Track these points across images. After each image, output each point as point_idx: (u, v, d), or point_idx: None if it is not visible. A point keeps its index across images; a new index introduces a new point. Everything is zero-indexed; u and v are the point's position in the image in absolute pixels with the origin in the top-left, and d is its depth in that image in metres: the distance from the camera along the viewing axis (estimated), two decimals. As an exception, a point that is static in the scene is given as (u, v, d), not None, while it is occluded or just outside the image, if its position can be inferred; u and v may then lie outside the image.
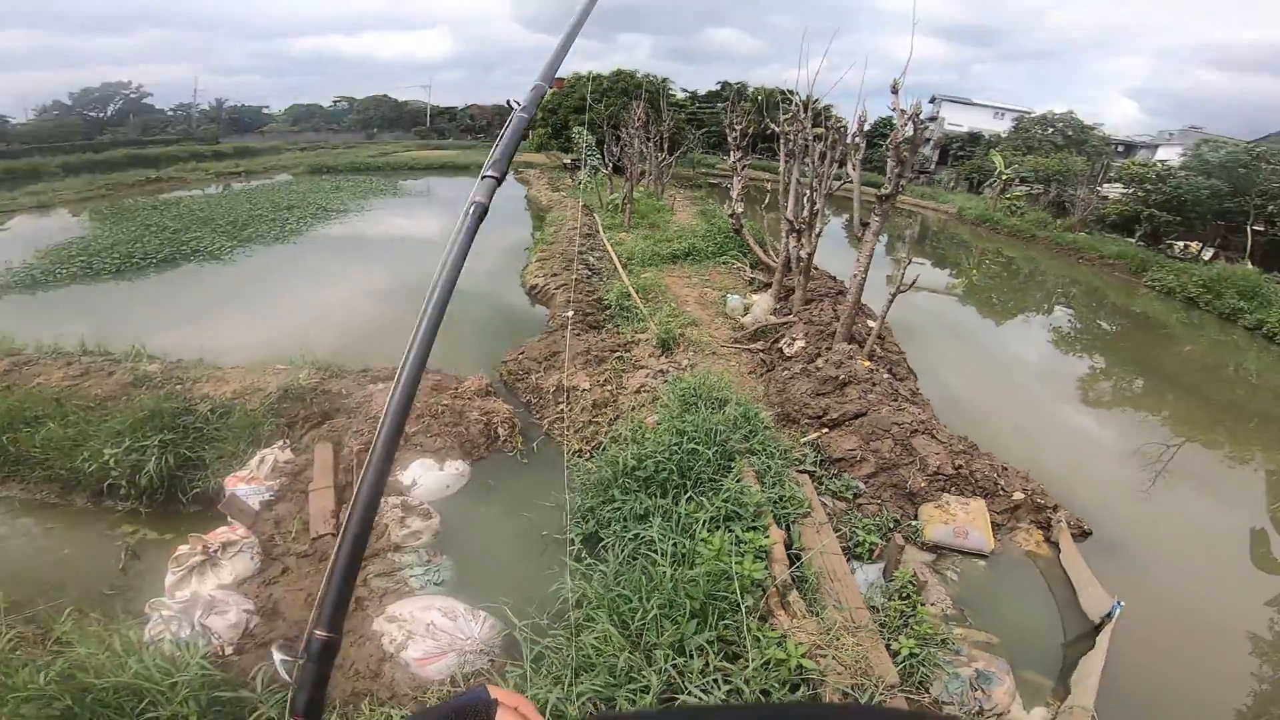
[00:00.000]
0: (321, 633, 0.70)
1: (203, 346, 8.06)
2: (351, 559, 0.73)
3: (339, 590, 0.72)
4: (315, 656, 0.70)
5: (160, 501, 5.72)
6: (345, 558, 0.73)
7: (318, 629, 0.71)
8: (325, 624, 0.71)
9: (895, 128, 7.76)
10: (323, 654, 0.70)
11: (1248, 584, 6.21)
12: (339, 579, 0.72)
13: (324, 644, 0.70)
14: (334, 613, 0.71)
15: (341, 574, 0.72)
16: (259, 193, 23.92)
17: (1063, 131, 34.56)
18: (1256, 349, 14.61)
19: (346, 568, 0.73)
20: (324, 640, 0.70)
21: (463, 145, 52.48)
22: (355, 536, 0.74)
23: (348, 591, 0.72)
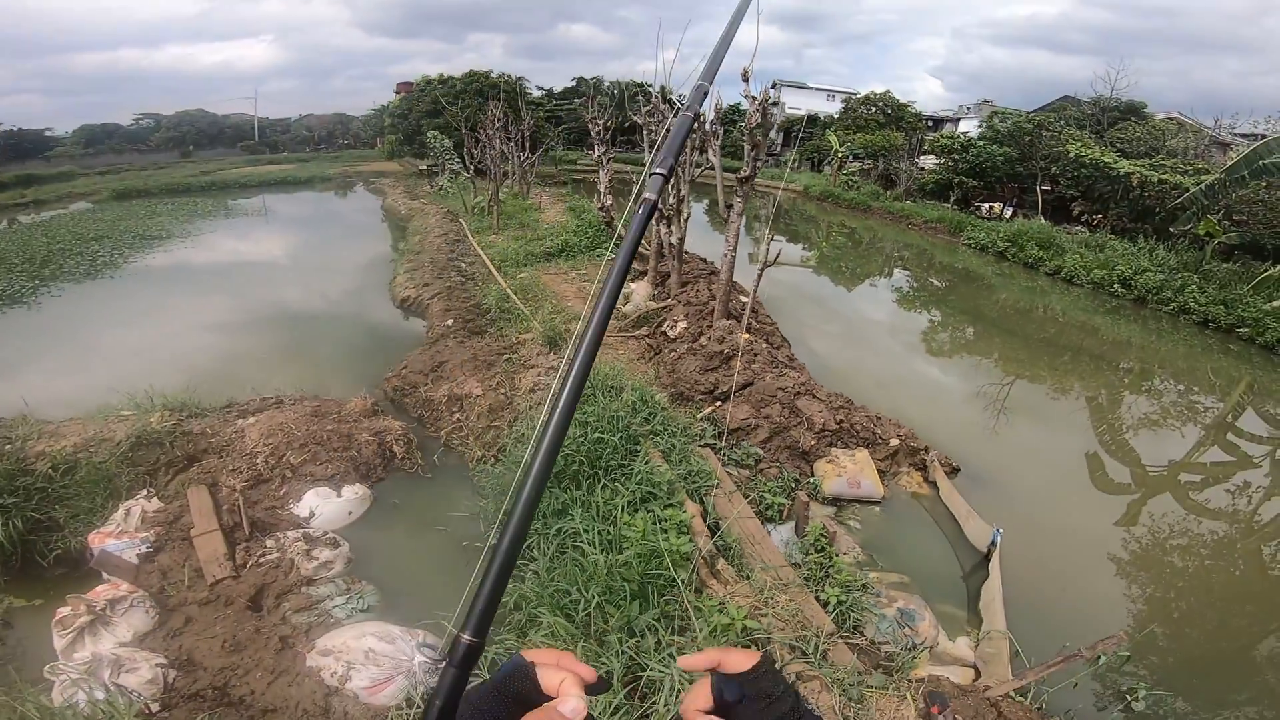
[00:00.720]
0: (468, 637, 0.68)
1: (22, 401, 6.98)
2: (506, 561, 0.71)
3: (490, 594, 0.69)
4: (459, 661, 0.68)
5: (16, 567, 5.12)
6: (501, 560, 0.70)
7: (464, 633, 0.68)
8: (472, 628, 0.68)
9: (748, 114, 8.26)
10: (466, 659, 0.68)
11: (1095, 502, 7.22)
12: (491, 583, 0.69)
13: (469, 648, 0.68)
14: (482, 617, 0.69)
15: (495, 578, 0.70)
16: (55, 224, 20.85)
17: (883, 110, 38.11)
18: (1058, 291, 17.09)
19: (501, 571, 0.70)
20: (469, 645, 0.68)
21: (300, 158, 48.62)
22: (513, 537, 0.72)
23: (498, 596, 0.70)
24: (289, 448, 6.16)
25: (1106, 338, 13.54)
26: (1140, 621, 5.25)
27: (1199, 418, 10.13)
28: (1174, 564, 6.25)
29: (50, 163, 46.68)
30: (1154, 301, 15.48)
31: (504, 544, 0.71)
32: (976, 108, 42.97)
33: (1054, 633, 4.72)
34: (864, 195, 29.21)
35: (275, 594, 4.72)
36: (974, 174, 26.35)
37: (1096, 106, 28.15)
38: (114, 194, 28.72)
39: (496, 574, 0.70)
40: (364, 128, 59.80)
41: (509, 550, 0.71)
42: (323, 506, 5.72)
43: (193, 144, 56.08)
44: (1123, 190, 20.84)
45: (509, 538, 0.71)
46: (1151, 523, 6.83)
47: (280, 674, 3.91)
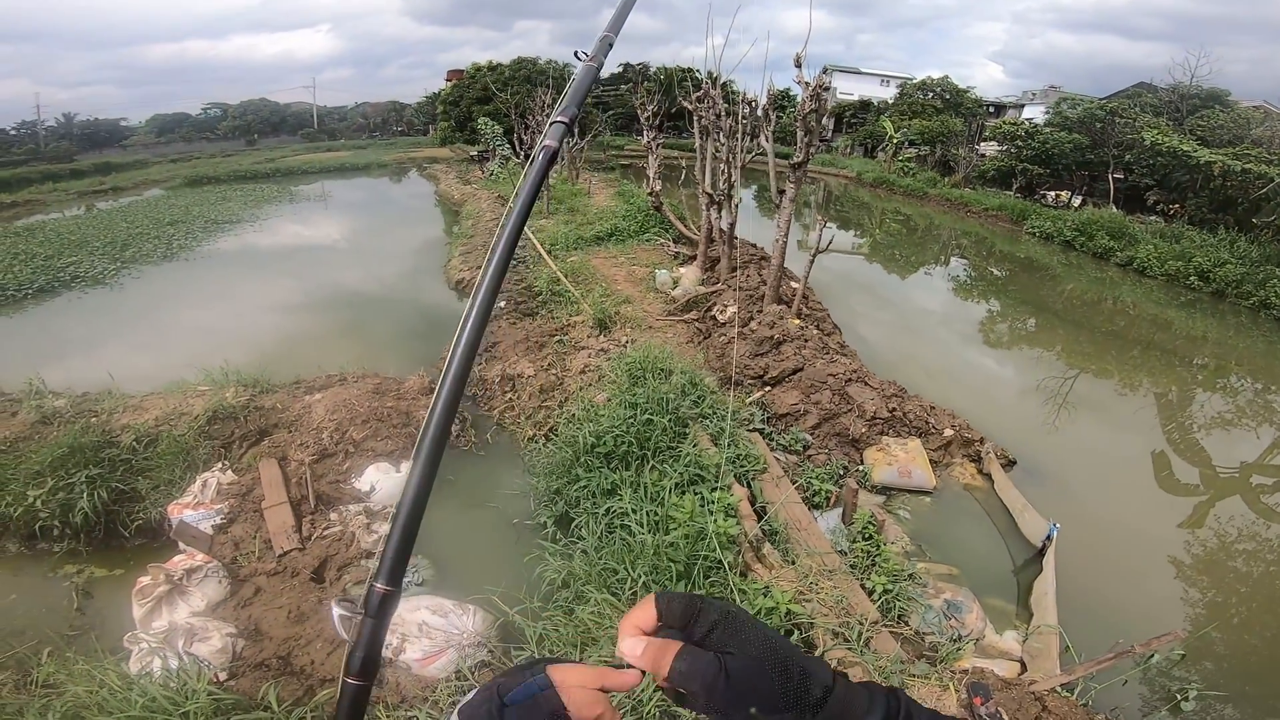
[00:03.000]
0: (381, 586, 0.68)
1: (107, 376, 7.46)
2: (412, 512, 0.72)
3: (400, 542, 0.71)
4: (375, 610, 0.68)
5: (99, 538, 5.39)
6: (408, 508, 0.72)
7: (377, 582, 0.69)
8: (385, 577, 0.69)
9: (801, 99, 8.13)
10: (381, 608, 0.69)
11: (1158, 502, 6.92)
12: (400, 531, 0.71)
13: (383, 597, 0.68)
14: (394, 565, 0.70)
15: (404, 525, 0.71)
16: (134, 210, 21.97)
17: (941, 95, 36.84)
18: (1130, 283, 16.31)
19: (409, 519, 0.72)
20: (383, 593, 0.68)
21: (357, 145, 50.03)
22: (418, 486, 0.73)
23: (409, 544, 0.71)
24: (352, 423, 6.43)
25: (1180, 332, 12.88)
26: (1197, 624, 5.05)
27: (1276, 418, 9.57)
28: (1238, 568, 5.96)
29: (126, 151, 49.33)
30: (1233, 295, 14.62)
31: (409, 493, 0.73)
32: (1043, 94, 41.04)
33: (1106, 631, 4.57)
34: (920, 182, 28.36)
35: (337, 566, 4.88)
36: (1039, 161, 25.25)
37: (1175, 94, 26.52)
38: (186, 180, 30.07)
39: (405, 521, 0.72)
40: (417, 115, 61.10)
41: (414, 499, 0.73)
42: (382, 481, 5.94)
43: (257, 132, 58.34)
44: (1202, 180, 19.67)
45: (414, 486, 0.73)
46: (1217, 525, 6.51)
47: (339, 645, 3.98)
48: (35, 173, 32.10)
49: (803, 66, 7.97)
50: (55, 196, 26.95)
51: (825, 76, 47.48)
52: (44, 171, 32.65)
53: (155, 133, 60.28)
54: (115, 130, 58.63)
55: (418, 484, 0.73)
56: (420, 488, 0.73)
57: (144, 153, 47.19)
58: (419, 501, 0.73)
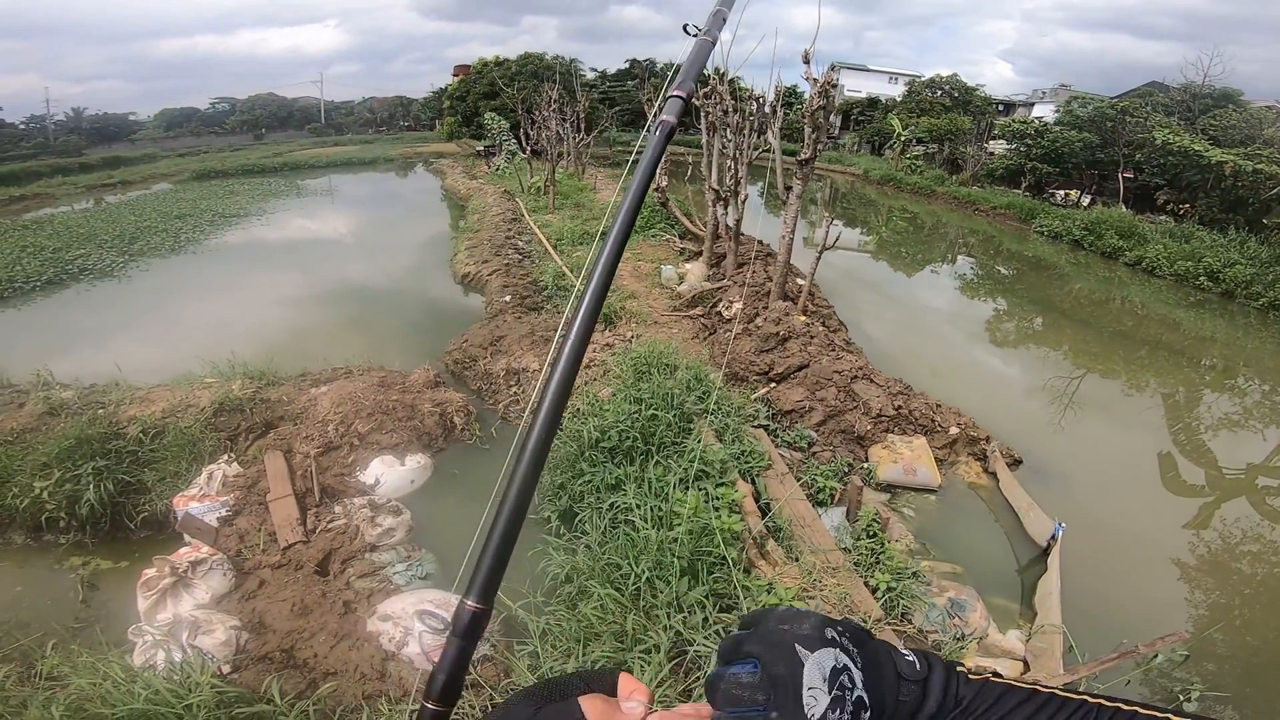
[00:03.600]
0: (473, 604, 0.64)
1: (114, 368, 7.50)
2: (511, 524, 0.66)
3: (495, 558, 0.66)
4: (463, 630, 0.64)
5: (105, 530, 5.41)
6: (505, 523, 0.66)
7: (469, 600, 0.64)
8: (477, 595, 0.64)
9: (809, 96, 8.10)
10: (471, 628, 0.64)
11: (1164, 503, 6.89)
12: (496, 546, 0.65)
13: (473, 616, 0.64)
14: (488, 583, 0.65)
15: (499, 541, 0.66)
16: (142, 203, 22.06)
17: (950, 93, 36.63)
18: (1138, 282, 16.21)
19: (505, 534, 0.66)
20: (474, 612, 0.64)
21: (364, 140, 50.08)
22: (517, 499, 0.67)
23: (504, 561, 0.66)
24: (357, 416, 6.45)
25: (1188, 332, 12.79)
26: (1201, 625, 5.02)
27: (1285, 419, 9.50)
28: (1242, 570, 5.92)
29: (134, 145, 49.42)
30: (1243, 296, 14.52)
31: (508, 504, 0.67)
32: (1053, 92, 40.82)
33: (1110, 631, 4.57)
34: (928, 180, 28.24)
35: (341, 559, 4.88)
36: (1049, 160, 25.11)
37: (1187, 93, 26.29)
38: (194, 174, 30.15)
39: (501, 536, 0.66)
40: (423, 110, 61.11)
41: (514, 510, 0.67)
42: (387, 474, 5.96)
43: (264, 127, 58.47)
44: (1213, 180, 19.52)
45: (513, 497, 0.67)
46: (1223, 527, 6.47)
47: (342, 638, 4.03)
48: (44, 166, 32.20)
49: (811, 63, 7.93)
50: (64, 190, 27.07)
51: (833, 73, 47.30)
52: (53, 165, 32.75)
53: (163, 127, 60.49)
54: (124, 125, 58.82)
55: (518, 494, 0.67)
56: (520, 498, 0.67)
57: (152, 147, 47.25)
58: (518, 513, 0.67)
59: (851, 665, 0.58)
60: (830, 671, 0.56)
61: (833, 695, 0.55)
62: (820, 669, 0.56)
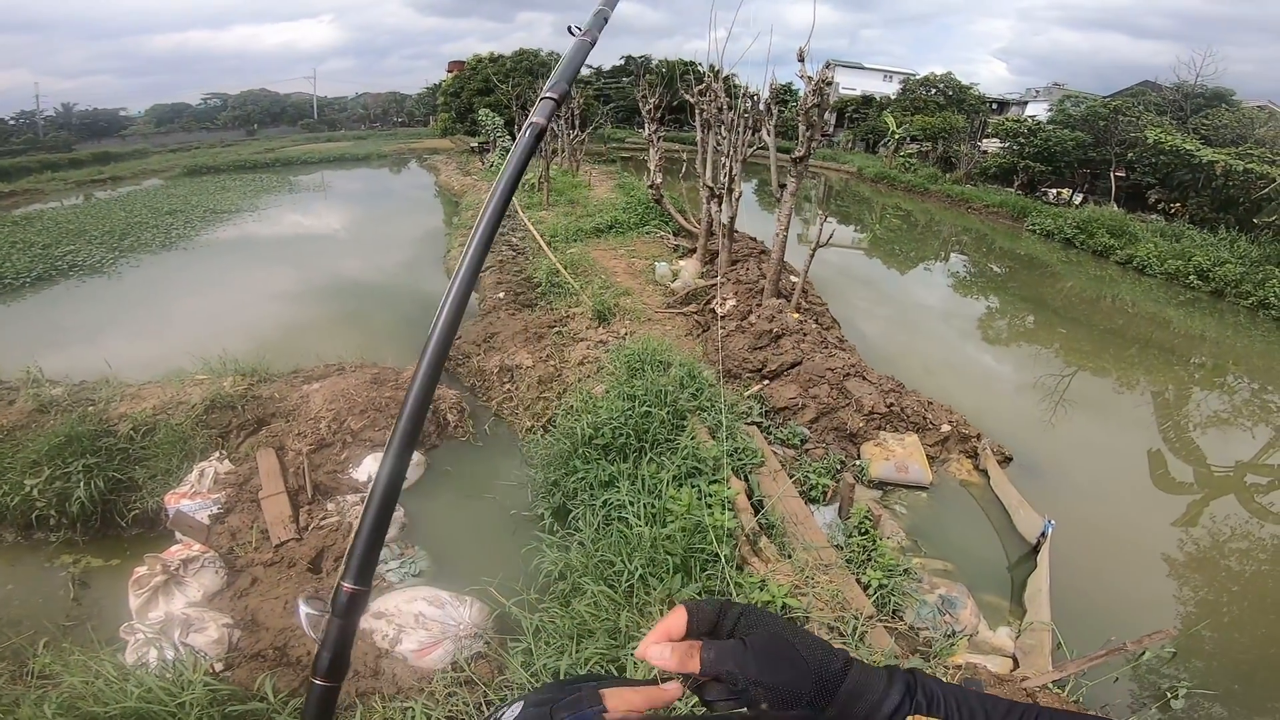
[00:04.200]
0: (349, 585, 0.67)
1: (105, 365, 7.45)
2: (382, 509, 0.70)
3: (368, 541, 0.69)
4: (342, 610, 0.66)
5: (96, 528, 5.38)
6: (375, 508, 0.69)
7: (345, 581, 0.67)
8: (353, 576, 0.67)
9: (804, 93, 8.11)
10: (349, 608, 0.67)
11: (1153, 500, 6.94)
12: (368, 530, 0.69)
13: (351, 597, 0.66)
14: (362, 565, 0.68)
15: (371, 525, 0.69)
16: (132, 199, 21.90)
17: (944, 92, 36.70)
18: (1129, 281, 16.30)
19: (376, 518, 0.69)
20: (351, 593, 0.66)
21: (357, 136, 49.84)
22: (386, 485, 0.70)
23: (377, 543, 0.69)
24: (350, 413, 6.43)
25: (1178, 330, 12.89)
26: (1189, 622, 5.07)
27: (1271, 417, 9.58)
28: (1230, 567, 5.97)
29: (125, 141, 48.99)
30: (1232, 295, 14.62)
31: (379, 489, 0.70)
32: (1046, 91, 40.94)
33: (1098, 628, 4.59)
34: (921, 178, 28.32)
35: (334, 557, 4.85)
36: (1041, 159, 25.23)
37: (1179, 93, 26.43)
38: (185, 170, 29.94)
39: (373, 520, 0.69)
40: (417, 106, 60.91)
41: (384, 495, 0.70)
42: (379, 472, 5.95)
43: (257, 123, 58.08)
44: (1204, 179, 19.66)
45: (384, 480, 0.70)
46: (1211, 524, 6.53)
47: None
48: (34, 162, 31.86)
49: (806, 61, 7.94)
50: (54, 186, 26.82)
51: (828, 71, 47.36)
52: (42, 161, 32.41)
53: (155, 123, 59.98)
54: (114, 120, 58.29)
55: (388, 478, 0.71)
56: (390, 482, 0.71)
57: (143, 143, 46.85)
58: (389, 496, 0.70)
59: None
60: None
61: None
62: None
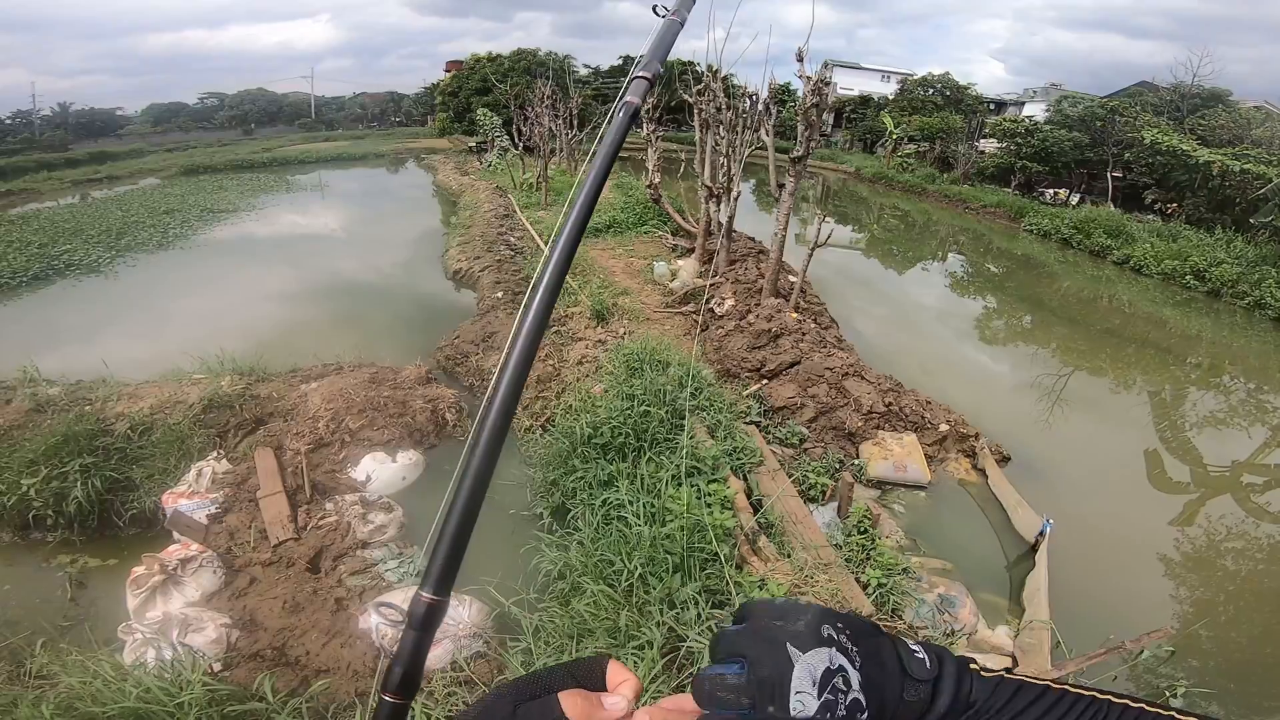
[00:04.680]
0: (428, 595, 0.62)
1: (102, 364, 7.42)
2: (466, 515, 0.65)
3: (450, 549, 0.64)
4: (419, 622, 0.62)
5: (94, 527, 5.36)
6: (460, 512, 0.64)
7: (424, 591, 0.63)
8: (432, 586, 0.63)
9: (803, 93, 8.12)
10: (427, 620, 0.62)
11: (1150, 500, 6.96)
12: (451, 536, 0.64)
13: (429, 608, 0.62)
14: (443, 574, 0.63)
15: (455, 530, 0.64)
16: (129, 198, 21.79)
17: (941, 92, 36.75)
18: (1126, 281, 16.35)
19: (460, 523, 0.64)
20: (429, 604, 0.62)
21: (355, 135, 49.76)
22: (472, 488, 0.65)
23: (460, 551, 0.64)
24: (348, 413, 6.42)
25: (1175, 330, 12.92)
26: (1186, 621, 5.08)
27: (1267, 417, 9.61)
28: (1227, 566, 6.00)
29: (122, 140, 48.83)
30: (1229, 295, 14.67)
31: (463, 493, 0.65)
32: (1044, 91, 40.99)
33: (1097, 627, 4.61)
34: (919, 178, 28.39)
35: (333, 556, 4.86)
36: (1039, 159, 25.30)
37: (1176, 93, 26.51)
38: (182, 170, 29.83)
39: (457, 526, 0.64)
40: (415, 105, 60.79)
41: (469, 499, 0.65)
42: (379, 471, 5.94)
43: (254, 122, 57.96)
44: (1201, 179, 19.72)
45: (468, 486, 0.65)
46: (1208, 524, 6.55)
47: (334, 635, 4.02)
48: (30, 161, 31.76)
49: (805, 60, 7.95)
50: (50, 185, 26.70)
51: (827, 71, 47.31)
52: (39, 160, 32.29)
53: (151, 122, 59.80)
54: (111, 119, 58.12)
55: (474, 482, 0.65)
56: (476, 486, 0.65)
57: (140, 142, 46.70)
58: (474, 501, 0.65)
59: (849, 666, 0.55)
60: (822, 674, 0.54)
61: (823, 699, 0.52)
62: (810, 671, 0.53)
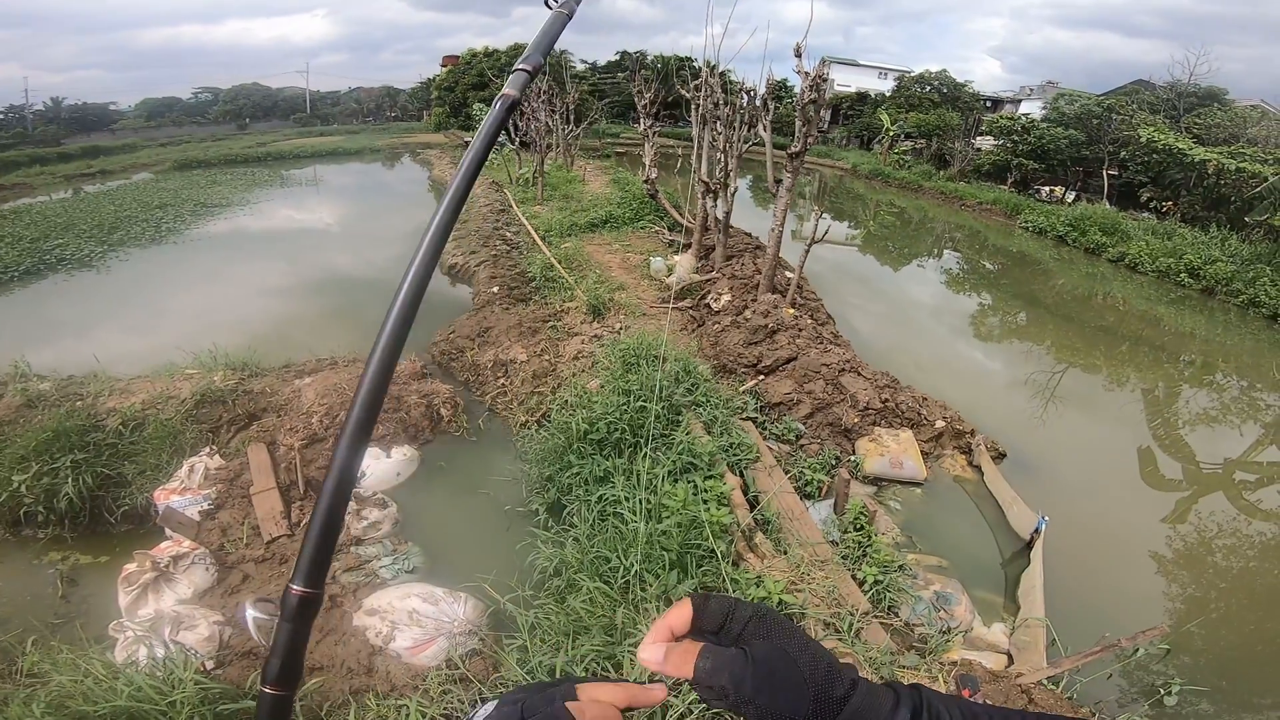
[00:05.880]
0: (298, 588, 0.63)
1: (93, 359, 7.36)
2: (332, 509, 0.66)
3: (318, 543, 0.65)
4: (292, 614, 0.63)
5: (85, 524, 5.30)
6: (325, 508, 0.65)
7: (294, 584, 0.63)
8: (303, 579, 0.63)
9: (801, 89, 8.09)
10: (300, 611, 0.63)
11: (1143, 497, 6.98)
12: (318, 531, 0.65)
13: (301, 600, 0.63)
14: (312, 567, 0.64)
15: (321, 525, 0.65)
16: (122, 193, 21.64)
17: (939, 89, 36.76)
18: (1121, 278, 16.38)
19: (326, 518, 0.65)
20: (301, 596, 0.63)
21: (350, 130, 49.56)
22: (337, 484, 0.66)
23: (329, 545, 0.65)
24: (342, 408, 6.36)
25: (1169, 328, 12.96)
26: (1180, 619, 5.09)
27: (1260, 415, 9.64)
28: (1219, 564, 6.01)
29: (115, 135, 48.48)
30: (1223, 293, 14.73)
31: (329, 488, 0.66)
32: (1040, 89, 41.07)
33: (1092, 624, 4.60)
34: (915, 175, 28.43)
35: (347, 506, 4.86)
36: (1035, 156, 25.38)
37: (1172, 92, 26.56)
38: (176, 164, 29.63)
39: (324, 520, 0.65)
40: (411, 100, 60.53)
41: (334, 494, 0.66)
42: (373, 467, 5.90)
43: (249, 117, 57.62)
44: (1196, 177, 19.77)
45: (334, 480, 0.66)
46: (1200, 521, 6.57)
47: (328, 633, 3.99)
48: (22, 156, 31.55)
49: (802, 56, 7.92)
50: (42, 180, 26.53)
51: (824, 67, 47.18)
52: (31, 155, 32.11)
53: (145, 117, 59.33)
54: (104, 114, 57.64)
55: (338, 477, 0.66)
56: (341, 482, 0.66)
57: (133, 136, 46.41)
58: (340, 496, 0.66)
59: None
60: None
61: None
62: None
